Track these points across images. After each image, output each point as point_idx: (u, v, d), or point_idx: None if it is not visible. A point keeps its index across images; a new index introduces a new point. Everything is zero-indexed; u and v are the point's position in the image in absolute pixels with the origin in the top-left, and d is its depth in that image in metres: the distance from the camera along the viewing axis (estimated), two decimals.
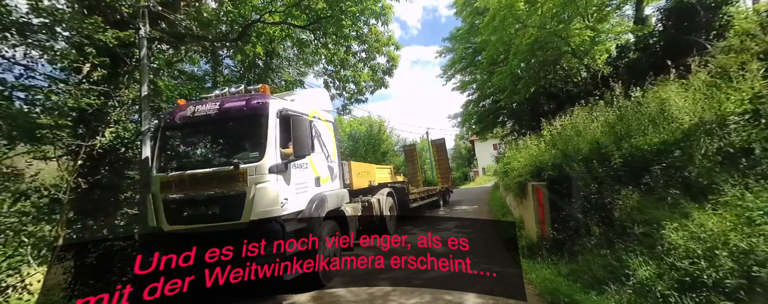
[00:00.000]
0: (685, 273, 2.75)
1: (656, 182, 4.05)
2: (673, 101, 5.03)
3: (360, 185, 6.42)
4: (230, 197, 3.42)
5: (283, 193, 3.56)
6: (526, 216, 5.80)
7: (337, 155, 5.18)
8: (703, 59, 5.43)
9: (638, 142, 4.67)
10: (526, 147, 6.69)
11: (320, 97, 5.55)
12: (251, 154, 3.58)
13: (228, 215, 3.40)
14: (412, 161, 14.74)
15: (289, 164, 3.66)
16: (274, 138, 3.55)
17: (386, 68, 9.34)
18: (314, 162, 4.31)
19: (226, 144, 4.02)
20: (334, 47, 8.82)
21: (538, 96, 11.36)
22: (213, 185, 3.48)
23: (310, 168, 4.21)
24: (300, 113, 3.91)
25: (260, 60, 9.93)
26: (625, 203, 4.05)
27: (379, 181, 7.37)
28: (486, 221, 8.37)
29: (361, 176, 6.57)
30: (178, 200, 3.57)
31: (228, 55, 9.18)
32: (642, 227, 3.54)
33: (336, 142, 5.27)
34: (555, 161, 5.34)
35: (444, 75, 16.80)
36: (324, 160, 4.67)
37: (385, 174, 8.42)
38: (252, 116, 3.71)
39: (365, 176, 6.79)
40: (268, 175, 3.40)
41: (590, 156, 5.01)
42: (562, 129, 5.98)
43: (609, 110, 5.65)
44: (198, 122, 3.88)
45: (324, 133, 4.82)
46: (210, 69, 9.69)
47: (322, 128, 4.79)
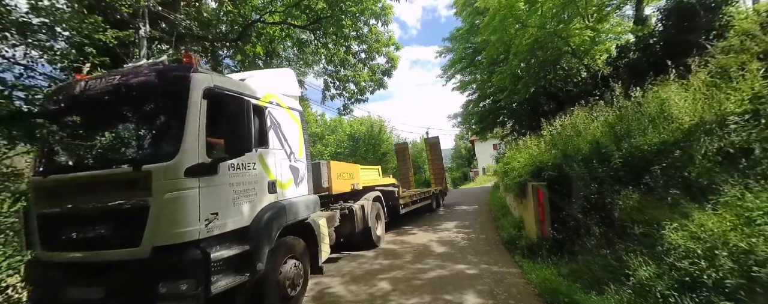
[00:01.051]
0: (685, 273, 2.75)
1: (656, 182, 4.05)
2: (673, 101, 5.03)
3: (341, 188, 5.60)
4: (126, 212, 2.37)
5: (210, 204, 2.53)
6: (526, 216, 5.80)
7: (305, 152, 4.03)
8: (703, 59, 5.43)
9: (638, 143, 4.68)
10: (526, 147, 6.69)
11: (283, 79, 4.23)
12: (161, 149, 2.62)
13: (122, 239, 2.37)
14: (403, 160, 14.06)
15: (220, 163, 2.60)
16: (196, 127, 2.48)
17: (386, 69, 9.34)
18: (267, 161, 3.25)
19: (128, 135, 2.99)
20: (334, 47, 8.83)
21: (538, 96, 11.36)
22: (103, 194, 2.42)
23: (260, 169, 3.14)
24: (241, 94, 2.87)
25: (260, 60, 9.93)
26: (625, 203, 4.05)
27: (365, 183, 6.56)
28: (486, 221, 8.37)
29: (342, 178, 5.70)
30: (54, 215, 2.55)
31: (228, 55, 9.18)
32: (642, 227, 3.54)
33: (304, 137, 4.10)
34: (555, 161, 5.34)
35: (444, 75, 16.82)
36: (284, 158, 3.57)
37: (372, 176, 7.59)
38: (165, 95, 2.69)
39: (347, 179, 5.89)
40: (184, 179, 2.37)
41: (590, 156, 5.01)
42: (562, 129, 5.98)
43: (609, 110, 5.65)
44: (88, 103, 2.74)
45: (286, 124, 3.70)
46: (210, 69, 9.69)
47: (282, 118, 3.66)
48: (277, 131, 3.54)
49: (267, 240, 2.98)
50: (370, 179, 7.13)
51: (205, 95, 2.59)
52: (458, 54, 15.34)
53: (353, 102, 10.69)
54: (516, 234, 5.66)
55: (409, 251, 5.79)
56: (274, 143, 3.45)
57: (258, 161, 3.13)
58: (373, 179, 7.33)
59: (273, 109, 3.52)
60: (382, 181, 7.80)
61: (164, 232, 2.34)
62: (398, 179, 12.91)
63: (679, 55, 5.93)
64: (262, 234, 2.95)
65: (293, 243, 3.50)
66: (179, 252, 2.34)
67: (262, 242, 2.92)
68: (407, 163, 13.75)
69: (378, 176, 7.90)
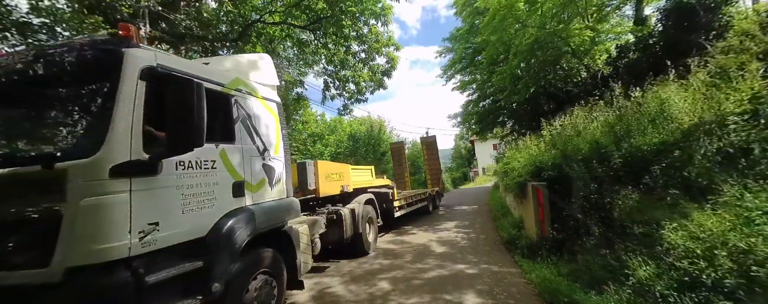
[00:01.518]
0: (684, 273, 2.75)
1: (656, 182, 4.06)
2: (673, 101, 5.04)
3: (329, 190, 5.21)
4: (31, 223, 1.85)
5: (148, 212, 2.04)
6: (526, 216, 5.80)
7: (283, 149, 3.46)
8: (702, 59, 5.44)
9: (638, 143, 4.69)
10: (525, 147, 6.70)
11: (258, 65, 3.60)
12: (82, 143, 1.99)
13: (25, 258, 1.85)
14: (399, 160, 13.53)
15: (161, 161, 2.12)
16: (128, 114, 2.00)
17: (385, 69, 9.34)
18: (232, 159, 2.71)
19: (41, 125, 2.26)
20: (334, 47, 8.83)
21: (538, 96, 11.37)
22: (5, 199, 1.93)
23: (223, 168, 2.62)
24: (193, 77, 2.28)
25: None
26: (624, 203, 4.05)
27: (357, 185, 6.15)
28: (486, 221, 8.37)
29: (331, 179, 5.28)
30: None
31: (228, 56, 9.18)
32: (641, 227, 3.55)
33: (283, 132, 3.54)
34: (555, 161, 5.35)
35: (444, 75, 16.82)
36: (255, 156, 3.03)
37: (365, 177, 7.08)
38: (91, 74, 2.13)
39: (336, 180, 5.47)
40: (109, 181, 1.89)
41: (590, 156, 5.02)
42: (562, 129, 5.98)
43: (609, 110, 5.66)
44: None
45: (259, 116, 3.16)
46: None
47: (255, 109, 3.12)
48: (248, 124, 2.99)
49: (228, 253, 2.47)
50: (363, 181, 6.64)
51: (143, 75, 2.10)
52: (458, 54, 15.34)
53: (353, 102, 10.70)
54: (516, 234, 5.66)
55: (409, 251, 5.79)
56: (243, 138, 2.90)
57: (220, 158, 2.59)
58: (365, 180, 6.86)
59: (242, 98, 2.98)
60: (376, 182, 7.32)
61: (81, 249, 1.79)
62: (394, 179, 12.71)
63: (678, 55, 5.94)
64: (222, 246, 2.43)
65: (265, 256, 2.94)
66: (101, 275, 1.80)
67: (221, 257, 2.40)
68: (403, 163, 13.43)
69: (371, 176, 7.38)
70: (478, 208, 11.40)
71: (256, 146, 3.10)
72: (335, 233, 4.93)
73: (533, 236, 5.07)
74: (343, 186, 5.65)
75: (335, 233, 4.93)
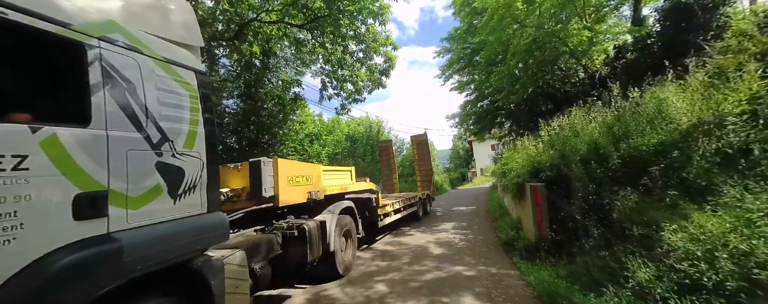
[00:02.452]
0: (684, 275, 2.71)
1: (655, 182, 4.03)
2: (671, 102, 5.03)
3: (293, 198, 4.04)
4: None
5: None
6: (525, 217, 5.76)
7: (202, 139, 2.31)
8: (700, 60, 5.43)
9: (636, 143, 4.66)
10: (523, 148, 6.67)
11: (163, 10, 2.39)
12: None
13: None
14: (387, 161, 12.33)
15: None
16: None
17: (383, 69, 9.29)
18: (71, 151, 1.56)
19: None
20: (331, 47, 8.77)
21: (536, 96, 11.36)
22: None
23: (48, 168, 1.47)
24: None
25: (257, 59, 9.87)
26: (623, 204, 4.02)
27: (331, 190, 4.99)
28: (484, 222, 8.33)
29: (295, 183, 4.12)
30: None
31: (224, 55, 9.11)
32: (641, 229, 3.51)
33: (204, 116, 2.38)
34: (553, 162, 5.31)
35: (442, 75, 16.80)
36: (142, 149, 1.92)
37: (342, 180, 5.72)
38: None
39: (303, 185, 4.28)
40: None
41: (588, 157, 4.98)
42: (560, 130, 5.95)
43: (607, 111, 5.63)
44: None
45: (157, 86, 2.07)
46: (206, 68, 9.62)
47: (146, 75, 2.01)
48: (128, 98, 1.87)
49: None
50: (339, 185, 5.36)
51: None
52: (456, 54, 15.32)
53: (351, 102, 10.64)
54: (514, 235, 5.62)
55: (406, 253, 5.74)
56: (113, 120, 1.77)
57: (41, 151, 1.45)
58: (342, 184, 5.55)
59: (117, 53, 1.85)
60: (356, 186, 6.03)
61: None
62: (381, 181, 11.96)
63: (676, 55, 5.93)
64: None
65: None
66: None
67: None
68: (391, 163, 12.33)
69: (350, 179, 6.02)
70: (476, 209, 11.36)
71: (147, 135, 1.95)
72: (296, 254, 3.78)
73: (532, 238, 5.03)
74: (312, 192, 4.39)
75: (296, 253, 3.78)
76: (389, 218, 7.01)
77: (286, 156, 10.87)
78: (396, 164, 12.79)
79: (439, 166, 38.99)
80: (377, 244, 6.64)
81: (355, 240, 5.36)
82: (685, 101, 4.88)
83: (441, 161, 44.51)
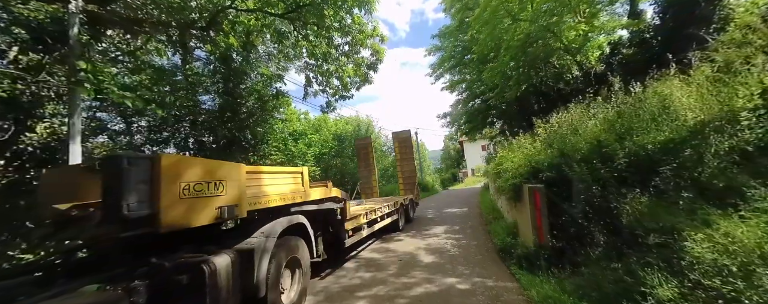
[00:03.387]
0: (717, 295, 2.29)
1: (666, 184, 3.64)
2: (676, 97, 4.73)
3: (190, 218, 2.40)
4: None
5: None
6: (522, 221, 5.34)
7: None
8: (704, 53, 5.15)
9: (641, 141, 4.30)
10: (519, 147, 6.27)
11: None
12: None
13: None
14: (366, 160, 11.08)
15: None
16: None
17: (371, 63, 8.76)
18: None
19: None
20: (315, 40, 8.20)
21: (529, 95, 11.08)
22: None
23: None
24: None
25: (236, 53, 9.22)
26: (633, 207, 3.62)
27: (265, 203, 3.26)
28: (477, 226, 7.90)
29: (194, 194, 2.45)
30: None
31: (198, 46, 8.43)
32: (657, 236, 3.09)
33: None
34: (552, 162, 4.90)
35: (433, 74, 16.40)
36: None
37: (286, 186, 3.78)
38: None
39: (207, 195, 2.57)
40: None
41: (590, 156, 4.60)
42: (558, 127, 5.57)
43: (608, 106, 5.28)
44: None
45: None
46: (180, 62, 8.91)
47: None
48: None
49: None
50: (280, 194, 3.52)
51: None
52: (448, 52, 14.96)
53: (337, 99, 10.07)
54: (511, 241, 5.19)
55: (393, 262, 5.22)
56: None
57: None
58: (287, 192, 3.67)
59: None
60: (310, 193, 4.09)
61: None
62: (360, 184, 10.77)
63: (677, 49, 5.64)
64: None
65: None
66: None
67: None
68: (370, 164, 10.98)
69: (300, 185, 4.00)
70: (469, 211, 10.96)
71: None
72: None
73: (530, 244, 4.59)
74: (223, 208, 2.65)
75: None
76: (361, 232, 5.63)
77: (268, 156, 10.20)
78: (376, 164, 11.38)
79: (430, 166, 38.70)
80: (363, 251, 6.10)
81: (307, 271, 3.78)
82: (691, 97, 4.58)
83: (432, 162, 44.30)
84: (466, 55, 14.26)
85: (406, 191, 10.17)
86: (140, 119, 8.64)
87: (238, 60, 9.28)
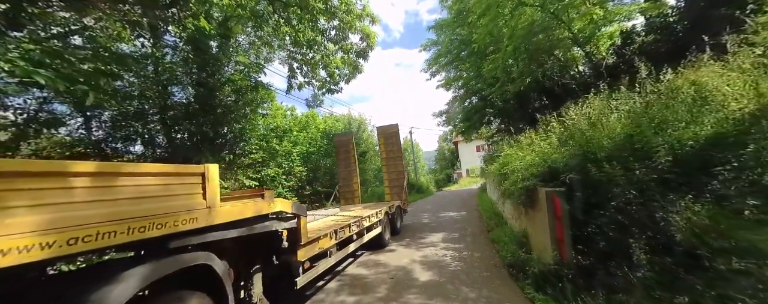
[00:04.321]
0: None
1: (726, 188, 2.89)
2: (714, 85, 4.04)
3: None
4: None
5: None
6: (534, 231, 4.56)
7: None
8: (742, 37, 4.47)
9: (680, 136, 3.57)
10: (530, 144, 5.49)
11: None
12: None
13: None
14: (346, 159, 9.40)
15: None
16: None
17: (361, 49, 7.89)
18: None
19: None
20: (299, 24, 7.30)
21: (529, 91, 10.39)
22: None
23: None
24: None
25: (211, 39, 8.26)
26: (688, 218, 2.85)
27: (90, 242, 1.47)
28: (479, 233, 7.11)
29: None
30: None
31: (163, 29, 7.44)
32: (736, 260, 2.32)
33: None
34: (571, 161, 4.13)
35: (428, 70, 15.62)
36: None
37: (157, 200, 1.85)
38: None
39: None
40: None
41: (618, 154, 3.84)
42: (577, 120, 4.81)
43: (635, 97, 4.54)
44: None
45: None
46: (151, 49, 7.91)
47: None
48: None
49: None
50: (133, 216, 1.70)
51: None
52: (444, 46, 14.20)
53: (325, 93, 9.19)
54: (522, 255, 4.39)
55: (383, 280, 4.37)
56: None
57: None
58: (152, 212, 1.80)
59: None
60: (219, 213, 2.28)
61: None
62: (337, 188, 9.39)
63: (708, 33, 4.95)
64: None
65: None
66: None
67: None
68: (351, 163, 9.28)
69: (194, 196, 2.14)
70: (467, 214, 10.18)
71: None
72: None
73: (548, 260, 3.80)
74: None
75: None
76: (328, 259, 4.01)
77: (248, 154, 9.25)
78: (357, 163, 9.52)
79: (424, 167, 37.98)
80: (349, 267, 5.23)
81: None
82: (735, 85, 3.88)
83: (426, 162, 43.63)
84: (462, 52, 13.54)
85: (393, 196, 8.59)
86: (102, 113, 7.66)
87: (214, 46, 8.33)
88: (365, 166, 16.66)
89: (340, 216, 5.47)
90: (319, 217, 5.69)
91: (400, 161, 9.08)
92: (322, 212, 6.47)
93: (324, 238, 3.92)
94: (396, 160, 9.09)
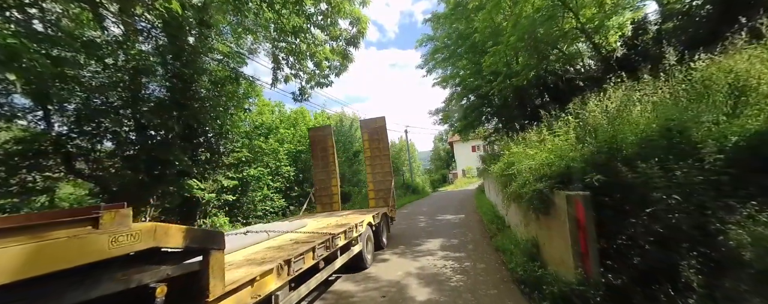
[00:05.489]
0: None
1: None
2: (756, 73, 3.52)
3: None
4: None
5: None
6: (548, 240, 3.96)
7: None
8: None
9: (726, 130, 3.02)
10: (541, 140, 4.90)
11: None
12: None
13: None
14: (324, 157, 7.92)
15: None
16: None
17: (351, 35, 7.23)
18: None
19: None
20: (282, 9, 6.61)
21: (530, 88, 9.89)
22: None
23: None
24: None
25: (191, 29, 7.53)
26: (754, 230, 2.27)
27: None
28: (480, 239, 6.50)
29: None
30: None
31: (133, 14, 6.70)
32: None
33: None
34: (596, 159, 3.54)
35: (425, 66, 15.04)
36: None
37: None
38: None
39: None
40: None
41: (649, 151, 3.26)
42: (598, 114, 4.23)
43: (663, 86, 3.99)
44: None
45: None
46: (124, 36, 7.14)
47: None
48: None
49: None
50: None
51: None
52: (441, 41, 13.64)
53: (313, 86, 8.50)
54: (535, 269, 3.78)
55: (374, 299, 3.72)
56: None
57: None
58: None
59: None
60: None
61: None
62: (313, 191, 7.79)
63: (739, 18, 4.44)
64: None
65: None
66: None
67: None
68: (329, 163, 7.81)
69: None
70: (466, 218, 9.58)
71: None
72: None
73: (570, 277, 3.20)
74: None
75: None
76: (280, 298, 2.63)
77: (229, 154, 8.50)
78: (337, 163, 8.03)
79: (419, 167, 37.42)
80: (336, 282, 4.57)
81: None
82: None
83: (421, 163, 43.09)
84: (459, 48, 12.99)
85: (378, 201, 7.35)
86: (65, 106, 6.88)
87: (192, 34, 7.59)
88: (359, 167, 15.97)
89: (301, 233, 3.98)
90: (274, 234, 4.00)
91: (388, 161, 7.77)
92: (282, 226, 4.69)
93: (264, 277, 2.40)
94: (382, 158, 7.75)
